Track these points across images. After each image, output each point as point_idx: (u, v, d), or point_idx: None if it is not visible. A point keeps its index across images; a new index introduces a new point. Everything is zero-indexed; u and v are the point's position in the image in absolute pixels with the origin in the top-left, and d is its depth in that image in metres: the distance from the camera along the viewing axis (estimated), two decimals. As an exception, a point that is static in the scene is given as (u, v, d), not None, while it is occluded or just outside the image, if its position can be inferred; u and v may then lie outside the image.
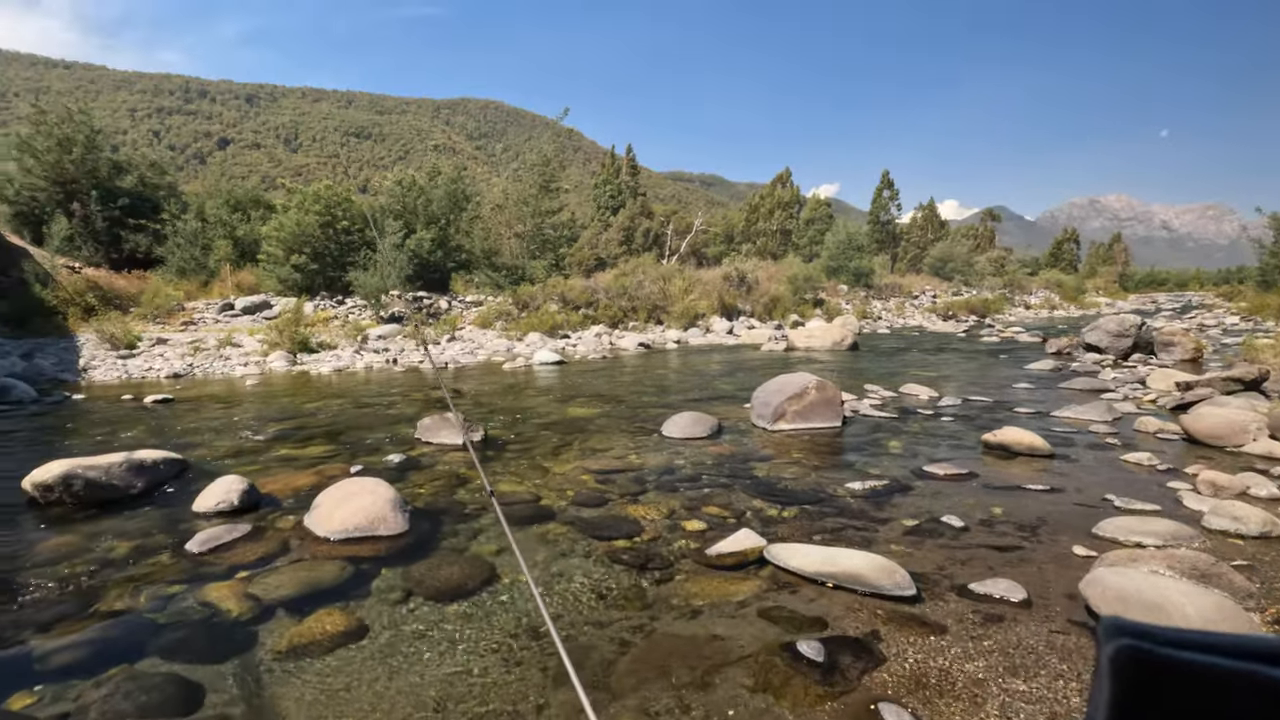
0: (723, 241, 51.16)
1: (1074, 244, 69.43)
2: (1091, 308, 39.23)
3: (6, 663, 2.58)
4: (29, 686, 2.41)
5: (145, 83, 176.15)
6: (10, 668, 2.54)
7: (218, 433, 6.98)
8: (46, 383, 11.16)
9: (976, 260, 45.91)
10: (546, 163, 29.26)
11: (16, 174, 23.95)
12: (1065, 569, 3.19)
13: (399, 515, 3.98)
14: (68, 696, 2.35)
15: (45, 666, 2.55)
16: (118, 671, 2.51)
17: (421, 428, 6.52)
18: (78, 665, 2.56)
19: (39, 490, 4.39)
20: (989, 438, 5.59)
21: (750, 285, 26.27)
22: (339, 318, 19.78)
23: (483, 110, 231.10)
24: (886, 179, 56.95)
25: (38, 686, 2.41)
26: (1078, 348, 13.28)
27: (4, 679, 2.47)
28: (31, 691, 2.38)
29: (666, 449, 5.92)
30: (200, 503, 4.29)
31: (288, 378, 12.11)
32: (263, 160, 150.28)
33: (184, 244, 23.26)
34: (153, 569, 3.43)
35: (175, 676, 2.47)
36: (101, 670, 2.51)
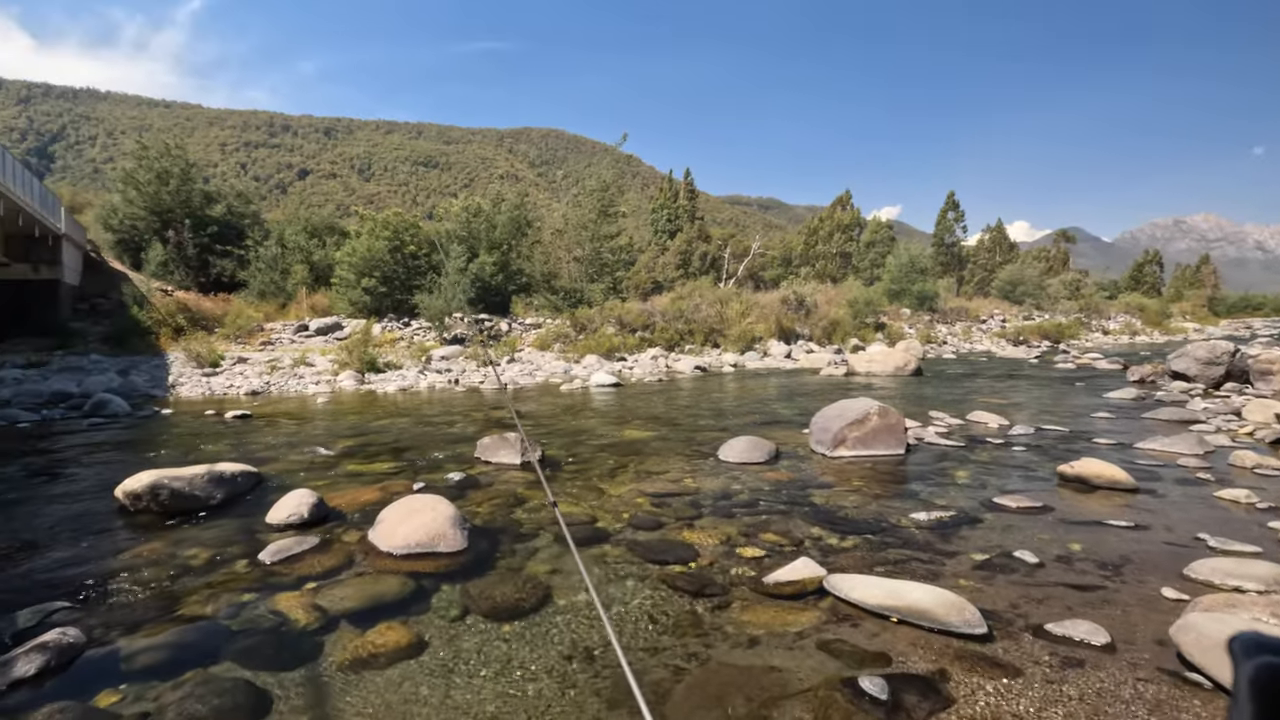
0: (781, 265, 50.76)
1: (1157, 266, 65.73)
2: (1177, 333, 36.94)
3: (97, 661, 2.73)
4: (115, 685, 2.55)
5: (235, 119, 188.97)
6: (100, 666, 2.70)
7: (290, 448, 7.31)
8: (139, 398, 11.94)
9: (1049, 283, 44.00)
10: (605, 188, 29.81)
11: (121, 205, 26.04)
12: (1153, 612, 2.97)
13: (458, 533, 4.05)
14: (148, 696, 2.47)
15: (130, 666, 2.70)
16: (194, 675, 2.62)
17: (481, 447, 6.66)
18: (158, 666, 2.70)
19: (129, 498, 4.68)
20: (1065, 469, 5.29)
21: (809, 308, 25.89)
22: (404, 339, 20.51)
23: (544, 138, 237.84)
24: (951, 200, 55.48)
25: (123, 685, 2.55)
26: (1163, 375, 12.51)
27: (95, 677, 2.62)
28: (117, 690, 2.52)
29: (723, 473, 5.85)
30: (273, 515, 4.48)
31: (356, 396, 12.59)
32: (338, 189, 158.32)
33: (265, 268, 24.66)
34: (228, 577, 3.59)
35: (246, 683, 2.57)
36: (179, 673, 2.64)
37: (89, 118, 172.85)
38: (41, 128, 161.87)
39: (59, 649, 2.70)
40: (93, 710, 2.40)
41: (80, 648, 2.78)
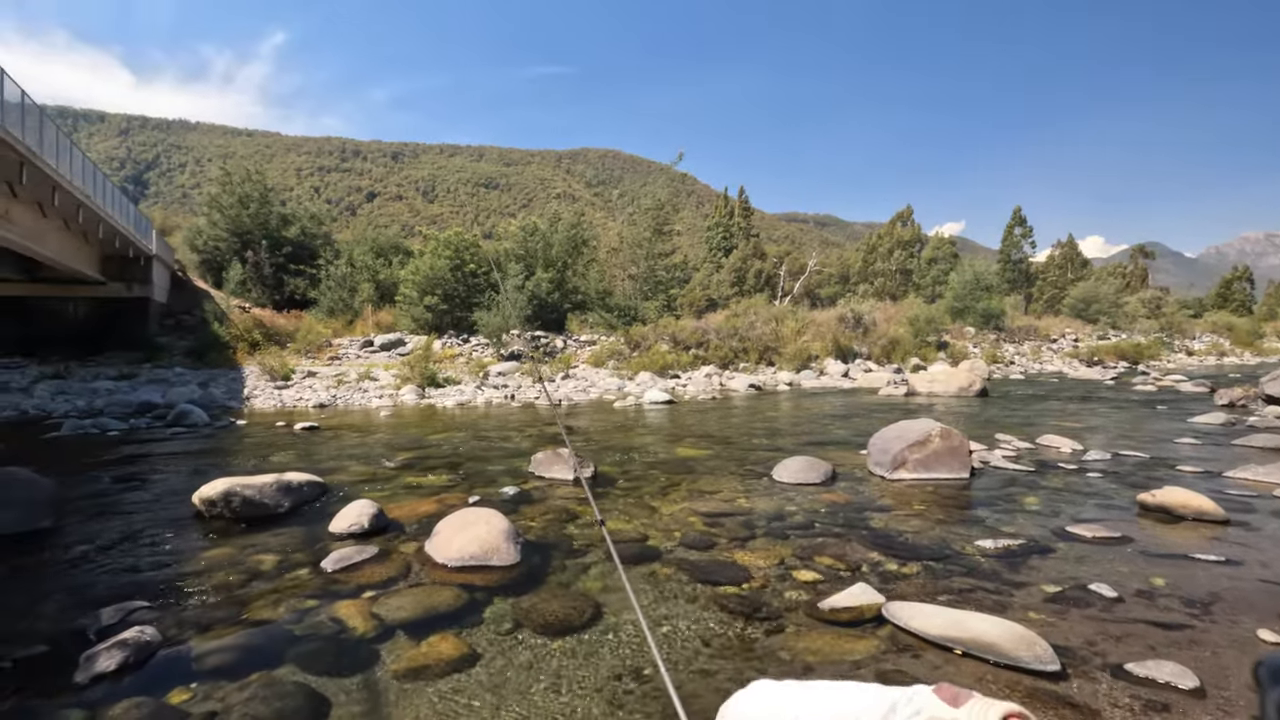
0: (838, 282, 49.94)
1: (1247, 283, 61.51)
2: (1271, 354, 34.41)
3: (171, 660, 2.87)
4: (186, 684, 2.66)
5: (310, 145, 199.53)
6: (173, 665, 2.83)
7: (353, 459, 7.56)
8: (217, 409, 12.60)
9: (1126, 301, 41.77)
10: (660, 207, 30.03)
11: (205, 227, 27.76)
12: (1248, 656, 2.73)
13: (512, 546, 4.10)
14: (216, 696, 2.58)
15: (200, 666, 2.82)
16: (258, 677, 2.72)
17: (535, 462, 6.74)
18: (226, 667, 2.81)
19: (204, 504, 4.93)
20: (1146, 498, 4.97)
21: (867, 327, 25.31)
22: (463, 355, 21.04)
23: (601, 159, 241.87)
24: (1018, 215, 53.55)
25: (193, 684, 2.66)
26: (1255, 399, 11.65)
27: (168, 674, 2.75)
28: (188, 688, 2.63)
29: (777, 494, 5.74)
30: (335, 524, 4.64)
31: (416, 410, 12.96)
32: (403, 211, 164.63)
33: (334, 286, 25.77)
34: (293, 583, 3.72)
35: (306, 687, 2.65)
36: (245, 674, 2.74)
37: (180, 146, 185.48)
38: (138, 157, 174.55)
39: (137, 646, 2.85)
40: (165, 707, 2.51)
41: (156, 646, 2.92)
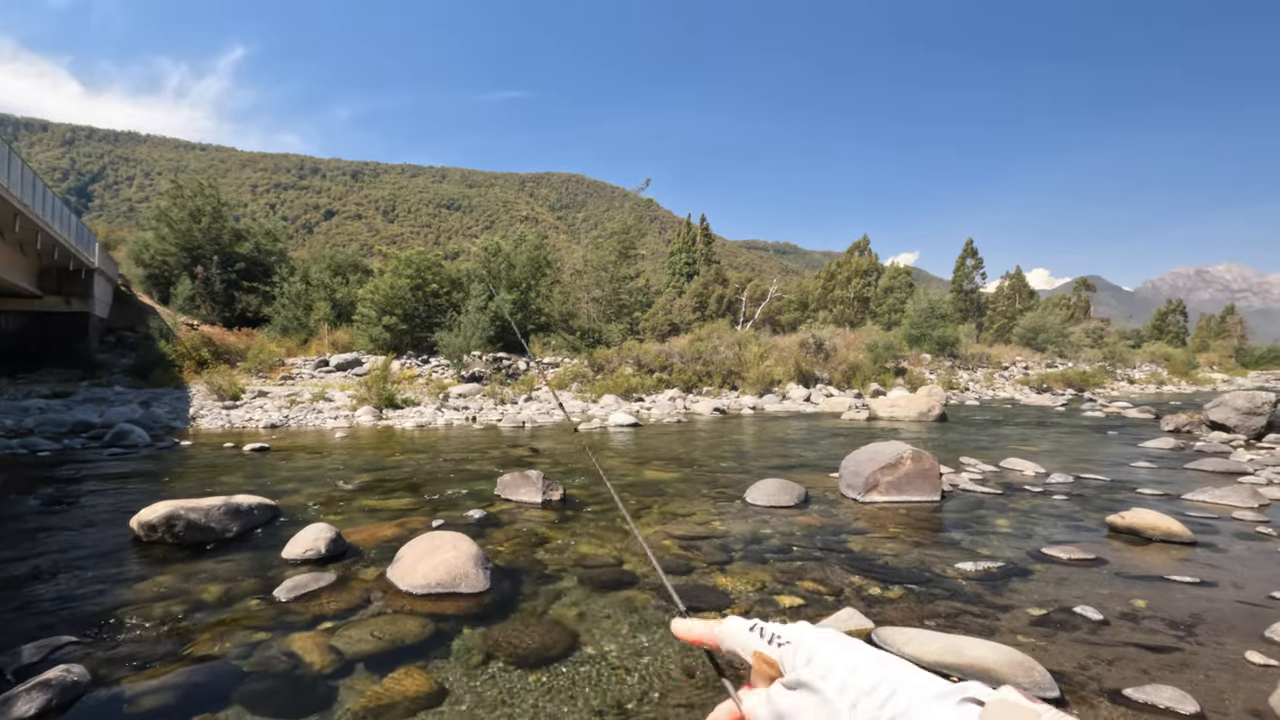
0: (798, 309, 50.78)
1: (1181, 315, 64.90)
2: (1205, 384, 36.14)
3: (101, 703, 2.57)
4: (118, 729, 2.38)
5: (267, 162, 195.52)
6: (103, 708, 2.53)
7: (308, 481, 7.19)
8: (160, 429, 11.94)
9: (1071, 331, 43.51)
10: (626, 230, 30.13)
11: (153, 240, 26.70)
12: (1240, 678, 2.71)
13: (481, 572, 3.88)
14: (153, 743, 2.31)
15: (135, 709, 2.53)
16: (202, 720, 2.45)
17: (501, 484, 6.50)
18: (164, 710, 2.53)
19: (144, 529, 4.57)
20: (1116, 520, 5.02)
21: (828, 352, 25.69)
22: (423, 376, 20.54)
23: (564, 183, 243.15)
24: (970, 247, 55.55)
25: (126, 729, 2.38)
26: (1199, 425, 12.12)
27: (97, 719, 2.46)
28: (120, 734, 2.35)
29: (751, 516, 5.63)
30: (289, 549, 4.34)
31: (373, 431, 12.52)
32: (362, 230, 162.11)
33: (289, 304, 25.00)
34: (241, 614, 3.43)
35: (256, 730, 2.40)
36: (186, 718, 2.47)
37: (128, 159, 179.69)
38: (83, 168, 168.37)
39: (62, 687, 2.55)
40: (93, 756, 2.23)
41: (84, 687, 2.62)
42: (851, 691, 0.44)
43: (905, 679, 0.43)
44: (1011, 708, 0.38)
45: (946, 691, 0.42)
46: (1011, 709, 0.38)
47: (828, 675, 0.46)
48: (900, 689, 0.43)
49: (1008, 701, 0.39)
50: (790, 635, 0.52)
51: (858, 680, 0.44)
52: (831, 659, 0.47)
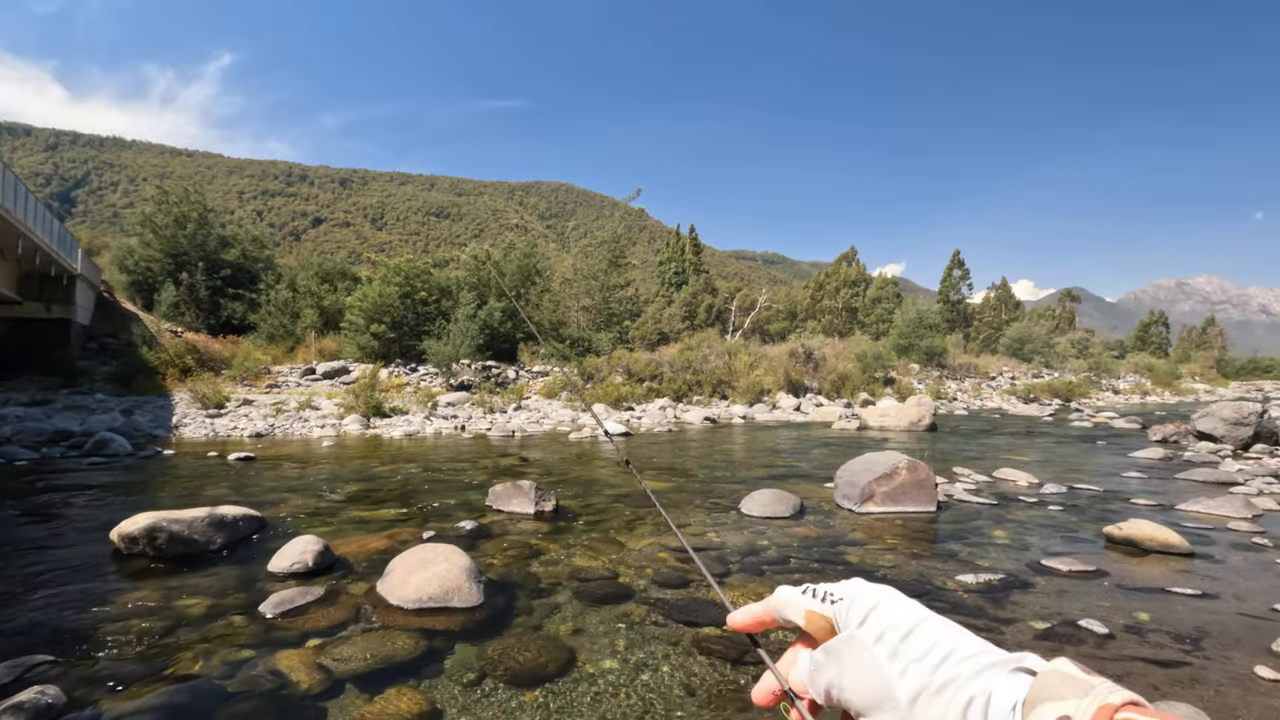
0: (786, 319, 50.92)
1: (1163, 327, 65.76)
2: (1188, 394, 36.60)
3: (76, 725, 2.46)
4: (94, 754, 2.27)
5: (254, 168, 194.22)
6: (79, 732, 2.42)
7: (294, 491, 7.05)
8: (142, 438, 11.71)
9: (1057, 341, 43.92)
10: (616, 240, 30.10)
11: (137, 246, 26.33)
12: (1251, 694, 2.67)
13: (474, 586, 3.78)
14: (131, 769, 2.20)
15: (112, 732, 2.42)
16: (183, 744, 2.35)
17: (493, 495, 6.39)
18: (144, 733, 2.42)
19: (125, 541, 4.43)
20: (1113, 531, 5.00)
21: (817, 362, 25.73)
22: (411, 384, 20.34)
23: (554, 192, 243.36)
24: (957, 258, 56.03)
25: (103, 755, 2.27)
26: (1186, 435, 12.21)
27: (71, 744, 2.34)
28: (96, 760, 2.24)
29: (747, 527, 5.57)
30: (276, 563, 4.22)
31: (361, 440, 12.34)
32: (350, 237, 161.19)
33: (275, 311, 24.71)
34: (226, 631, 3.31)
35: (241, 754, 2.29)
36: (167, 741, 2.36)
37: (113, 165, 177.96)
38: (66, 173, 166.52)
39: (35, 710, 2.44)
40: (67, 784, 2.12)
41: (59, 709, 2.51)
42: (904, 657, 0.43)
43: (959, 645, 0.42)
44: (1065, 679, 0.37)
45: (1000, 660, 0.40)
46: (1065, 680, 0.37)
47: (882, 637, 0.44)
48: (953, 655, 0.41)
49: (1061, 672, 0.37)
50: (844, 592, 0.50)
51: (910, 645, 0.43)
52: (885, 620, 0.45)
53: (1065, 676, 0.37)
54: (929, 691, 0.41)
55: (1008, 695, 0.38)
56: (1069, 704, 0.35)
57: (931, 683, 0.41)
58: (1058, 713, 0.35)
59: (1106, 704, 0.35)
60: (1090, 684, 0.36)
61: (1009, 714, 0.37)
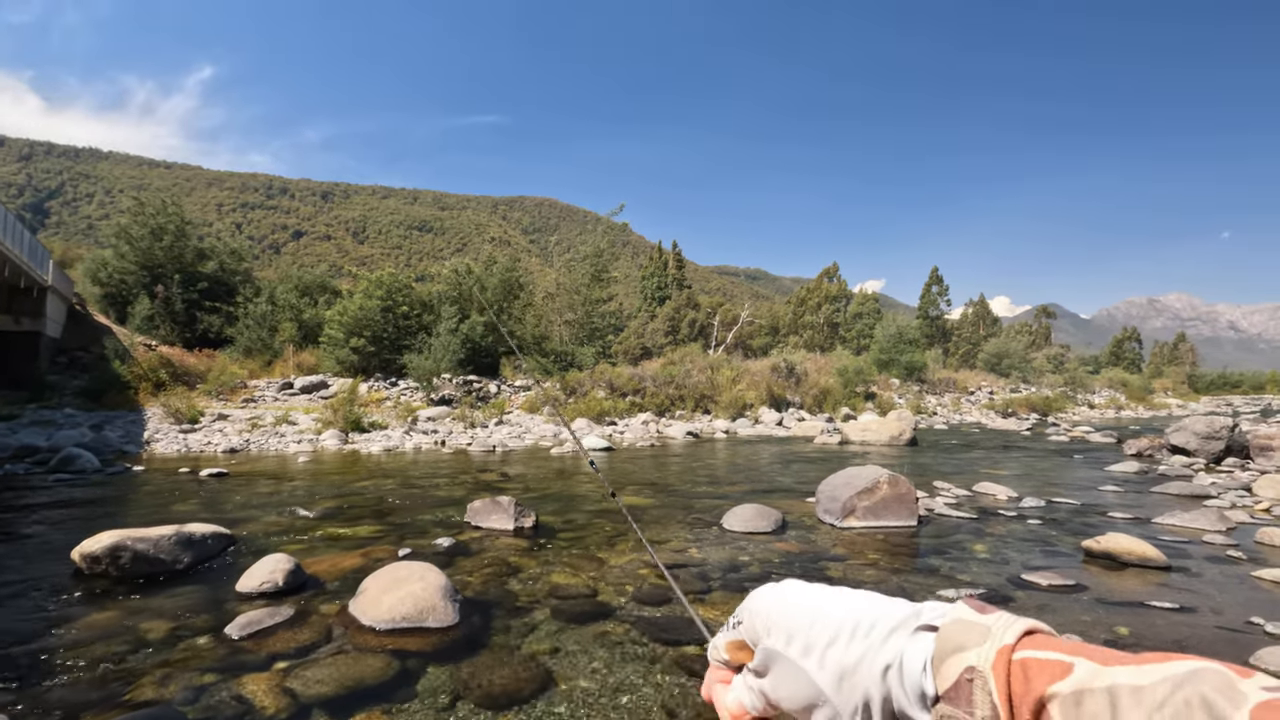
0: (769, 334, 51.22)
1: (1136, 343, 67.10)
2: (1161, 409, 37.27)
3: (24, 756, 2.34)
4: (42, 787, 2.16)
5: (234, 181, 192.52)
6: (26, 763, 2.30)
7: (267, 509, 6.88)
8: (111, 454, 11.42)
9: (1034, 357, 44.60)
10: (599, 253, 30.11)
11: (111, 259, 25.86)
12: (1230, 709, 2.67)
13: (449, 605, 3.69)
14: (81, 802, 2.09)
15: (63, 763, 2.31)
16: (139, 774, 2.24)
17: (471, 511, 6.29)
18: (97, 764, 2.31)
19: (86, 561, 4.28)
20: (1091, 544, 5.03)
21: (799, 377, 25.86)
22: (391, 399, 20.11)
23: (538, 207, 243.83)
24: (936, 275, 56.83)
25: (52, 788, 2.16)
26: (1160, 449, 12.38)
27: (17, 777, 2.23)
28: (44, 794, 2.13)
29: (729, 543, 5.52)
30: (244, 582, 4.09)
31: (338, 456, 12.14)
32: (331, 250, 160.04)
33: (253, 325, 24.35)
34: (189, 654, 3.19)
35: (199, 785, 2.19)
36: (122, 772, 2.25)
37: (88, 176, 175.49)
38: (40, 184, 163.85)
39: (-19, 741, 2.31)
40: (11, 820, 2.01)
41: (7, 739, 2.39)
42: (816, 649, 0.43)
43: (862, 618, 0.43)
44: (964, 627, 0.38)
45: (902, 621, 0.41)
46: (965, 628, 0.38)
47: (792, 638, 0.45)
48: (859, 629, 0.42)
49: (960, 621, 0.38)
50: (744, 610, 0.50)
51: (818, 633, 0.43)
52: (788, 620, 0.46)
53: (963, 624, 0.38)
54: (848, 673, 0.41)
55: (917, 656, 0.39)
56: (971, 654, 0.36)
57: (847, 664, 0.41)
58: (963, 664, 0.36)
59: (1004, 645, 0.36)
60: (987, 626, 0.37)
61: (921, 674, 0.38)
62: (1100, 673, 0.32)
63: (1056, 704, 0.32)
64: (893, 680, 0.39)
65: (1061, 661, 0.34)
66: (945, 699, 0.37)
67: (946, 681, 0.37)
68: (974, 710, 0.35)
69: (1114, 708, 0.30)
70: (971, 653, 0.36)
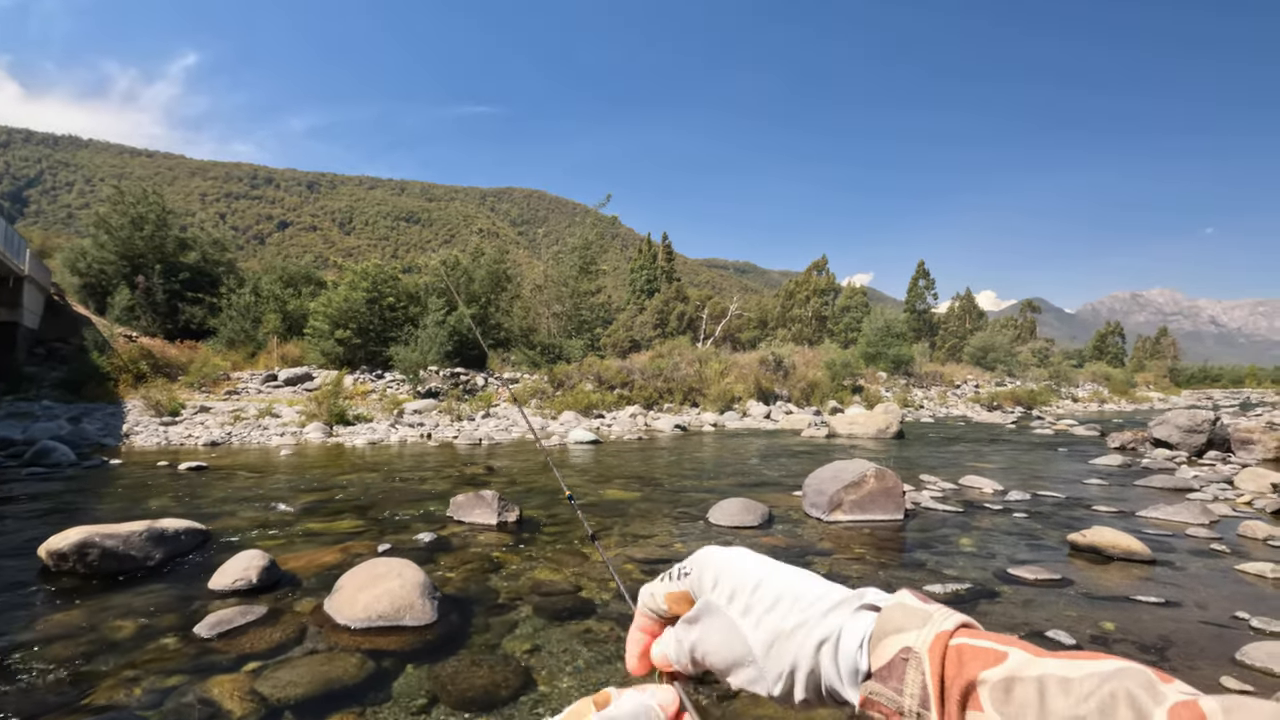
0: (757, 327, 51.22)
1: (1119, 337, 67.78)
2: (1143, 402, 37.68)
3: (-25, 765, 2.24)
4: (-7, 798, 2.06)
5: (218, 170, 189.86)
6: (-23, 772, 2.21)
7: (246, 503, 6.76)
8: (88, 447, 11.21)
9: (1019, 351, 44.92)
10: (587, 245, 29.93)
11: (91, 248, 25.38)
12: (1217, 706, 2.64)
13: (427, 603, 3.60)
14: (33, 814, 2.00)
15: (17, 772, 2.21)
16: (96, 783, 2.15)
17: (454, 505, 6.20)
18: (53, 771, 2.21)
19: (53, 558, 4.16)
20: (1077, 538, 5.01)
21: (787, 370, 25.88)
22: (377, 391, 19.91)
23: (527, 199, 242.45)
24: (922, 269, 57.04)
25: (2, 798, 2.06)
26: (1143, 443, 12.49)
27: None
28: (-6, 805, 2.03)
29: (715, 538, 5.46)
30: (217, 579, 3.99)
31: (322, 449, 11.99)
32: (317, 241, 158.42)
33: (236, 316, 24.00)
34: (156, 655, 3.09)
35: (160, 793, 2.10)
36: (78, 780, 2.16)
37: (68, 164, 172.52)
38: (18, 173, 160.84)
39: (-71, 749, 2.21)
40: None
41: (-42, 747, 2.29)
42: (755, 611, 0.44)
43: (806, 590, 0.43)
44: (905, 611, 0.39)
45: (845, 599, 0.42)
46: (906, 612, 0.39)
47: (734, 596, 0.45)
48: (801, 600, 0.43)
49: (902, 605, 0.40)
50: (694, 563, 0.50)
51: (760, 597, 0.44)
52: (734, 579, 0.46)
53: (905, 609, 0.39)
54: (781, 637, 0.42)
55: (855, 633, 0.40)
56: (909, 635, 0.37)
57: (783, 629, 0.42)
58: (900, 644, 0.37)
59: (942, 631, 0.37)
60: (928, 613, 0.38)
61: (857, 651, 0.39)
62: (1032, 663, 0.33)
63: (986, 689, 0.33)
64: (825, 655, 0.40)
65: (995, 650, 0.35)
66: (876, 676, 0.37)
67: (881, 660, 0.38)
68: (903, 689, 0.36)
69: (1042, 696, 0.31)
70: (910, 634, 0.37)
